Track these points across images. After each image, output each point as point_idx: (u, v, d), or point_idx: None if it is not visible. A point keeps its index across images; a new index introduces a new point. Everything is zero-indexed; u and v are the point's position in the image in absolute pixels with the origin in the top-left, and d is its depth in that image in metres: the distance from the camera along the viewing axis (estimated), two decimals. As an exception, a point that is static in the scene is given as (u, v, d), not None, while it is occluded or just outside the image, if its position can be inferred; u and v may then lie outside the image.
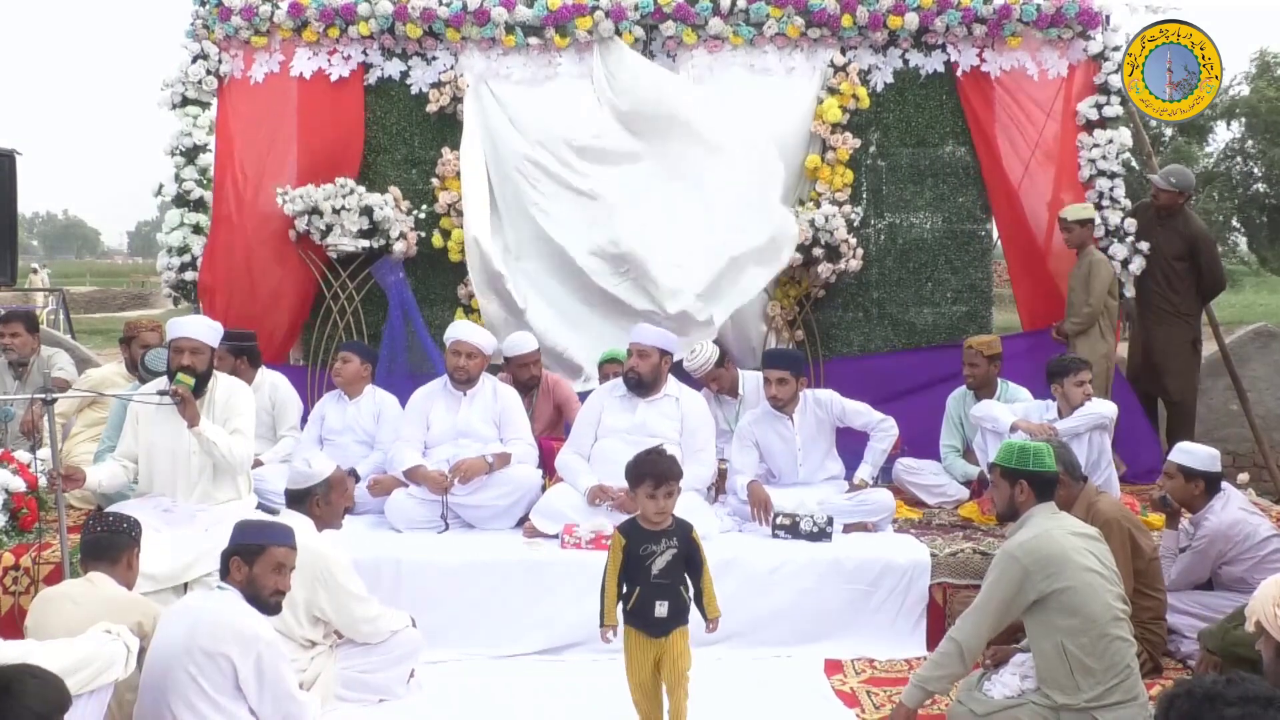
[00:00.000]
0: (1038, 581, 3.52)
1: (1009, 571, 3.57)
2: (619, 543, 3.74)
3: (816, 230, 6.71)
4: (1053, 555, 3.54)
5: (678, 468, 3.81)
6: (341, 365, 5.90)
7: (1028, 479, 3.72)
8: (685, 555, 3.75)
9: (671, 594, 3.71)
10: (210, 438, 4.83)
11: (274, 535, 3.61)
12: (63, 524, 4.48)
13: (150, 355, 5.56)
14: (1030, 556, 3.54)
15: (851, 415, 5.60)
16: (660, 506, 3.71)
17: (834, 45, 7.00)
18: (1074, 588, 3.50)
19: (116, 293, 32.40)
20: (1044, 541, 3.57)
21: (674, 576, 3.72)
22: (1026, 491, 3.73)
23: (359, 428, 5.85)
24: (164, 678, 3.37)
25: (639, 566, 3.71)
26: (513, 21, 6.89)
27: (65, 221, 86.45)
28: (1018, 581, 3.54)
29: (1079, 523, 3.80)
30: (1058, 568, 3.51)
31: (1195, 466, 4.71)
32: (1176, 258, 6.72)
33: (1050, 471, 3.76)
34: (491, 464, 5.37)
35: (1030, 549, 3.56)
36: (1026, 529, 3.68)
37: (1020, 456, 3.75)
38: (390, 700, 4.26)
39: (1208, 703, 2.18)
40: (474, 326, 5.90)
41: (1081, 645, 3.49)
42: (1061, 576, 3.51)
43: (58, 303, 14.41)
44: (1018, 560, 3.55)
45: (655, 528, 3.73)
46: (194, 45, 6.99)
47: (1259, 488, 6.99)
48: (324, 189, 6.75)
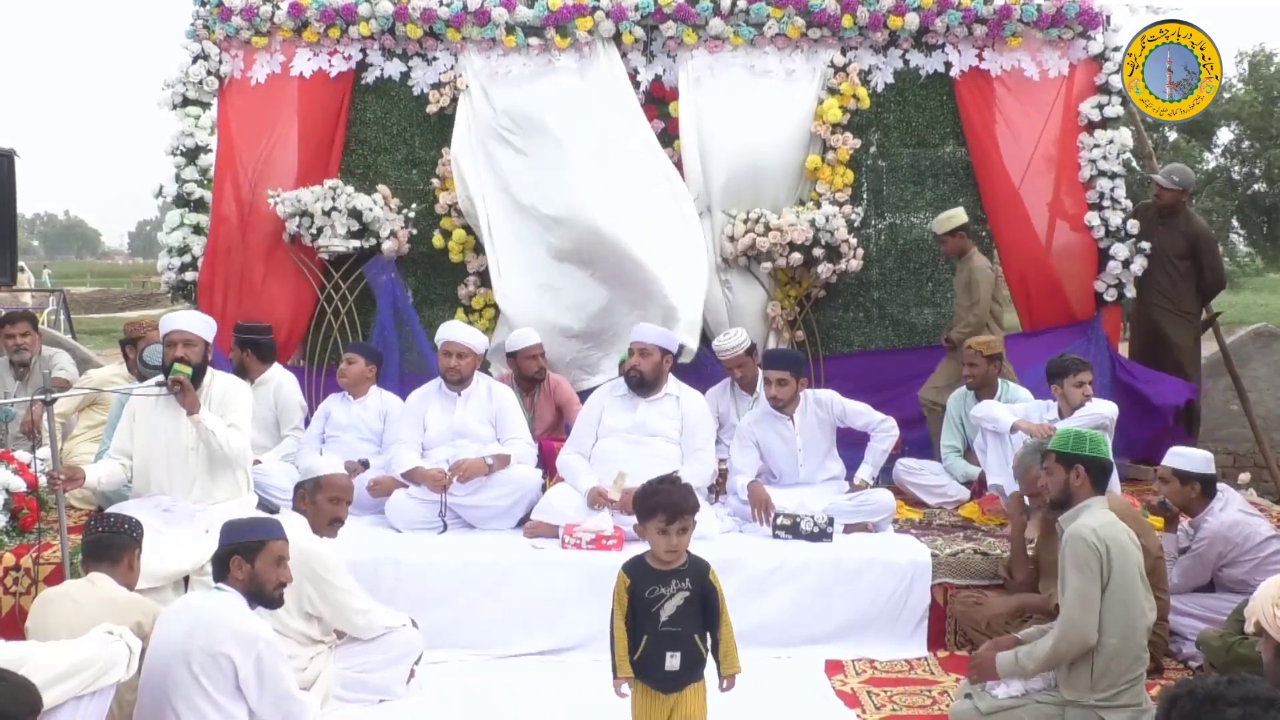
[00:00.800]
0: (1109, 569, 3.48)
1: (1089, 560, 3.48)
2: (623, 583, 3.31)
3: (817, 230, 6.71)
4: (1124, 547, 3.51)
5: (694, 499, 3.38)
6: (346, 366, 5.94)
7: (1085, 464, 3.67)
8: (700, 599, 3.30)
9: (684, 644, 3.27)
10: (208, 426, 4.80)
11: (269, 530, 3.63)
12: (63, 524, 4.48)
13: (148, 350, 5.56)
14: (1105, 544, 3.49)
15: (852, 415, 5.60)
16: (672, 544, 3.27)
17: (834, 46, 7.00)
18: (1126, 586, 3.49)
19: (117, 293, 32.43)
20: (1116, 531, 3.54)
21: (687, 624, 3.28)
22: (1082, 477, 3.68)
23: (364, 425, 5.87)
24: (164, 678, 3.37)
25: (645, 612, 3.26)
26: (513, 22, 6.89)
27: (66, 222, 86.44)
28: (1099, 562, 3.47)
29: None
30: (1121, 563, 3.49)
31: (1190, 469, 4.72)
32: (1179, 256, 6.71)
33: (1107, 460, 3.72)
34: (491, 465, 5.38)
35: (1105, 536, 3.51)
36: (1091, 515, 3.61)
37: (1077, 442, 3.71)
38: (390, 700, 4.25)
39: (1209, 703, 2.17)
40: (463, 326, 5.91)
41: (1112, 646, 3.48)
42: (1125, 571, 3.49)
43: (58, 303, 14.39)
44: (1095, 548, 3.49)
45: (665, 567, 3.31)
46: (194, 45, 6.99)
47: (1260, 488, 6.99)
48: (313, 191, 6.75)
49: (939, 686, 4.47)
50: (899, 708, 4.27)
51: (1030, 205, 7.00)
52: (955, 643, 4.93)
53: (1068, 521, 3.68)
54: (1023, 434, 5.42)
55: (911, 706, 4.28)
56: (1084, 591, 3.49)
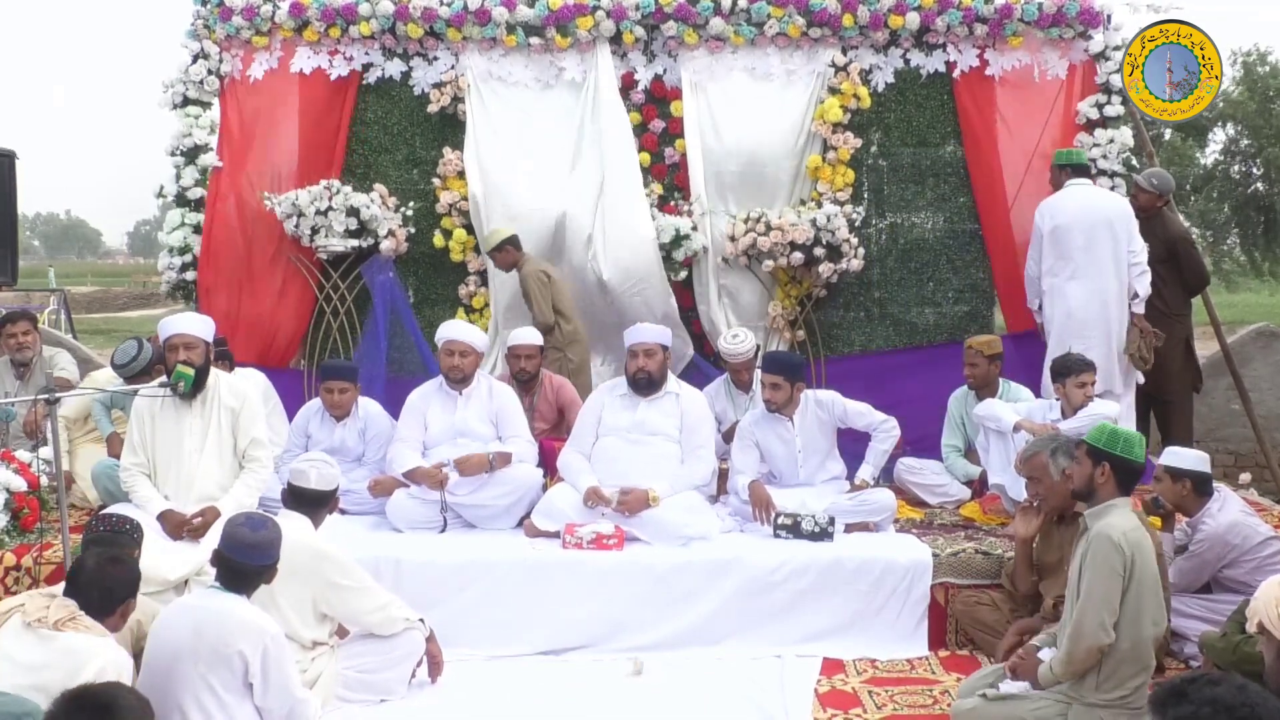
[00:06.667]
0: (1130, 574, 3.47)
1: (1113, 560, 3.47)
2: None
3: (818, 230, 6.71)
4: (1147, 556, 3.50)
5: None
6: (340, 396, 5.75)
7: (1112, 463, 3.65)
8: None
9: None
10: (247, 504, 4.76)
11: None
12: (64, 524, 4.47)
13: (119, 350, 5.63)
14: (1131, 548, 3.48)
15: (853, 416, 5.59)
16: None
17: (835, 45, 7.00)
18: (1143, 594, 3.49)
19: (118, 293, 32.46)
20: (1142, 537, 3.53)
21: None
22: (1108, 474, 3.66)
23: (345, 450, 5.75)
24: (169, 678, 3.38)
25: None
26: (514, 21, 6.89)
27: (67, 222, 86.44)
28: (1123, 565, 3.47)
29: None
30: (1142, 570, 3.48)
31: (1181, 466, 4.72)
32: (1159, 260, 6.67)
33: (1138, 463, 3.68)
34: (493, 462, 5.38)
35: (1132, 541, 3.50)
36: (1119, 516, 3.59)
37: (1110, 439, 3.68)
38: (391, 700, 4.25)
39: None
40: (465, 324, 5.89)
41: (1122, 650, 3.48)
42: (1144, 578, 3.48)
43: (59, 303, 14.42)
44: (1121, 549, 3.47)
45: None
46: (194, 45, 6.99)
47: (1261, 488, 7.00)
48: (309, 191, 6.75)
49: (940, 686, 4.46)
50: (900, 707, 4.26)
51: (1026, 206, 6.96)
52: (956, 642, 4.93)
53: (1093, 519, 3.65)
54: (1025, 433, 5.41)
55: (912, 706, 4.28)
56: (1104, 590, 3.48)
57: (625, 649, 4.79)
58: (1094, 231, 6.26)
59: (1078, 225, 6.26)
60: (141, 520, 4.23)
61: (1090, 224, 6.26)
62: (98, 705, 2.61)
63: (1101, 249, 6.26)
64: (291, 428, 5.90)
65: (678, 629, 4.86)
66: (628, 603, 4.89)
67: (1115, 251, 6.28)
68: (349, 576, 4.15)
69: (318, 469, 4.22)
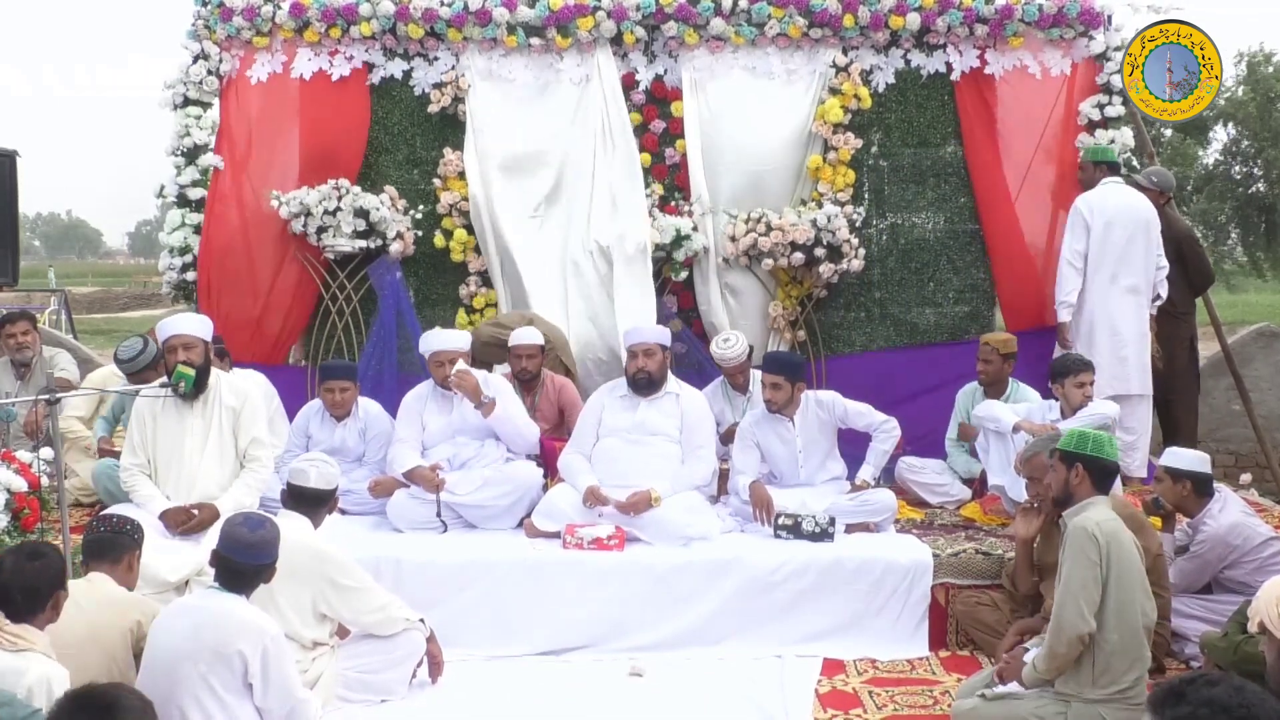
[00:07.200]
0: (1108, 564, 3.50)
1: (1088, 549, 3.51)
2: None
3: (818, 230, 6.71)
4: (1123, 545, 3.53)
5: None
6: (340, 396, 5.76)
7: (1084, 464, 3.69)
8: None
9: None
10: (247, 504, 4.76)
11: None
12: (65, 524, 4.48)
13: (122, 347, 5.63)
14: (1105, 537, 3.51)
15: (854, 416, 5.59)
16: None
17: (835, 45, 6.99)
18: (1125, 585, 3.50)
19: (118, 293, 32.47)
20: (1117, 528, 3.56)
21: None
22: (1082, 476, 3.70)
23: (347, 450, 5.76)
24: (169, 678, 3.38)
25: None
26: (514, 22, 6.89)
27: (68, 222, 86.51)
28: (1099, 554, 3.50)
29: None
30: (1120, 560, 3.51)
31: (1181, 467, 4.72)
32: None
33: (1110, 461, 3.73)
34: (486, 403, 5.44)
35: (1106, 530, 3.53)
36: (1094, 511, 3.63)
37: (1080, 441, 3.73)
38: (392, 701, 4.25)
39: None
40: (443, 332, 5.83)
41: (1112, 643, 3.49)
42: (1125, 569, 3.51)
43: (59, 303, 14.43)
44: (1095, 539, 3.51)
45: None
46: (195, 45, 6.98)
47: (1261, 488, 7.00)
48: (318, 191, 6.74)
49: (940, 686, 4.46)
50: (900, 707, 4.27)
51: (1027, 206, 6.98)
52: (957, 643, 4.93)
53: (1070, 517, 3.70)
54: (1025, 434, 5.41)
55: (913, 706, 4.28)
56: (1079, 578, 3.51)
57: (625, 649, 4.80)
58: (1134, 231, 6.31)
59: (1119, 223, 6.33)
60: (142, 520, 4.22)
61: (1131, 223, 6.33)
62: (100, 706, 2.61)
63: (1137, 249, 6.32)
64: (292, 428, 5.90)
65: (678, 629, 4.86)
66: (628, 603, 4.89)
67: (1147, 253, 6.35)
68: (349, 576, 4.15)
69: (317, 468, 4.22)
